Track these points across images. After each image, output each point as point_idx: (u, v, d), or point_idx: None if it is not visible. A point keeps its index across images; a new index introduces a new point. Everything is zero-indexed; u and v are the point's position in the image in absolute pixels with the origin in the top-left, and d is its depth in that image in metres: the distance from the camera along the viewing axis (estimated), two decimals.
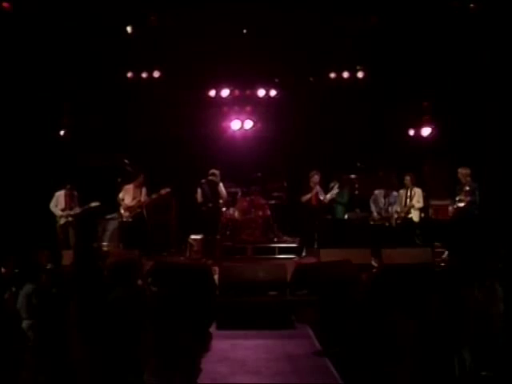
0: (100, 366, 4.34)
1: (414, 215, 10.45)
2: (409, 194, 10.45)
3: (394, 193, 10.60)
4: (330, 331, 6.39)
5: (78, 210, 10.79)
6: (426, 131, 11.98)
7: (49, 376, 4.06)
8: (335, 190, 10.94)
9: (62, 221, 10.75)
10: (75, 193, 10.87)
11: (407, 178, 10.52)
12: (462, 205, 9.82)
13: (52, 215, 10.82)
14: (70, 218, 10.76)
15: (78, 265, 6.56)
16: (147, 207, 11.13)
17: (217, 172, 10.85)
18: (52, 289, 5.48)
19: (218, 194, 10.86)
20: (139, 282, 6.90)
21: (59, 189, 10.83)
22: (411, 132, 12.29)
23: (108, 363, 4.40)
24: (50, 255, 7.02)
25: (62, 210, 10.77)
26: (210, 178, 10.76)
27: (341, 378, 5.61)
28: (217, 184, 10.82)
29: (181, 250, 11.44)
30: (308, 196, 10.86)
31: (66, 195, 10.80)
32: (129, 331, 4.58)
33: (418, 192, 10.47)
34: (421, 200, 10.49)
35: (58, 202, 10.82)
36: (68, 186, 10.81)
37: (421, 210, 10.63)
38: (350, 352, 5.38)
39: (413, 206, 10.38)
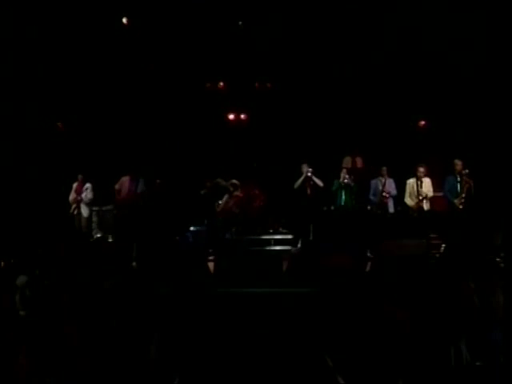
0: (96, 355, 4.34)
1: (426, 205, 10.40)
2: (419, 183, 10.36)
3: (390, 180, 10.70)
4: (328, 323, 6.40)
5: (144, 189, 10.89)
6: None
7: (45, 365, 4.06)
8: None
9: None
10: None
11: (421, 170, 10.41)
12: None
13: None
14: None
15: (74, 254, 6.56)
16: (143, 198, 11.13)
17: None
18: (44, 280, 5.48)
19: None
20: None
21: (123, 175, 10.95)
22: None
23: (106, 353, 4.41)
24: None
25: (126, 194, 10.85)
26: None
27: (337, 370, 5.61)
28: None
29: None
30: (299, 181, 11.01)
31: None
32: (125, 318, 4.59)
33: (427, 181, 10.44)
34: (431, 189, 10.46)
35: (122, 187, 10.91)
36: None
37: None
38: (347, 343, 5.40)
39: (426, 196, 10.33)
